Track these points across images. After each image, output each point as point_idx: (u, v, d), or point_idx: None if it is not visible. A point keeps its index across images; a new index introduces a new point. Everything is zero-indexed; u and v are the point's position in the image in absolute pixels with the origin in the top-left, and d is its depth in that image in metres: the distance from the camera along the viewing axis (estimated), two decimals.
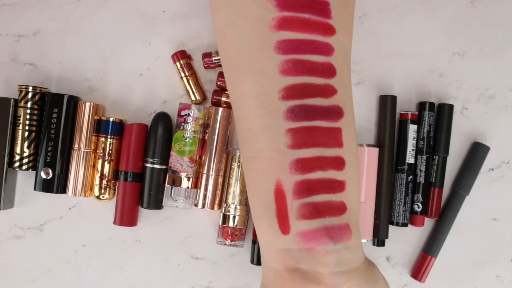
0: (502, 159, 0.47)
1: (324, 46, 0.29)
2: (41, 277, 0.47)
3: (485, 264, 0.47)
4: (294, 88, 0.29)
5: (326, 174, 0.29)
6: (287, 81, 0.29)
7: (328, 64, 0.29)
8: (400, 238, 0.47)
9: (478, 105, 0.47)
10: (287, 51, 0.29)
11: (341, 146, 0.30)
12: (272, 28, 0.29)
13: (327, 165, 0.29)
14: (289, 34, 0.29)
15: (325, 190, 0.29)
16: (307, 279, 0.29)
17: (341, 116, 0.30)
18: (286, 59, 0.29)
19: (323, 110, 0.29)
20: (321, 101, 0.29)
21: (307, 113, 0.29)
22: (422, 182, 0.46)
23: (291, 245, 0.29)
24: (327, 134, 0.29)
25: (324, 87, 0.29)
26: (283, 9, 0.29)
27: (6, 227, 0.47)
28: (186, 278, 0.47)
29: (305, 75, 0.29)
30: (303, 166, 0.29)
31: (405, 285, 0.47)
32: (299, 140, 0.29)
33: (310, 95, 0.29)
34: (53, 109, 0.44)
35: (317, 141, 0.29)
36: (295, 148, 0.29)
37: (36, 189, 0.45)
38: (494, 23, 0.47)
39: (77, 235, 0.47)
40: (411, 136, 0.46)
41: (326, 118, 0.29)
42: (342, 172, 0.29)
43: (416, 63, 0.47)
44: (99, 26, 0.47)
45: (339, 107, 0.30)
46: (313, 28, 0.29)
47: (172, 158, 0.45)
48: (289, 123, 0.29)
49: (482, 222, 0.47)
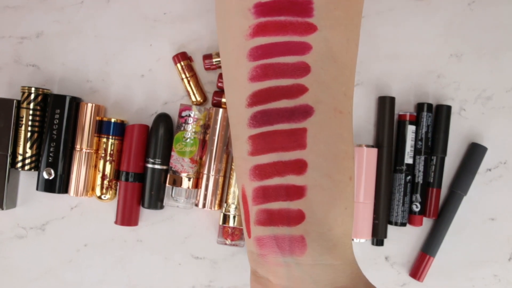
0: (500, 160, 0.48)
1: (299, 45, 0.29)
2: (43, 276, 0.47)
3: (482, 263, 0.47)
4: (259, 94, 0.29)
5: (284, 180, 0.28)
6: (254, 87, 0.29)
7: (301, 63, 0.29)
8: (398, 238, 0.47)
9: (475, 106, 0.48)
10: (258, 57, 0.29)
11: (303, 147, 0.28)
12: (248, 36, 0.29)
13: (285, 170, 0.28)
14: (263, 40, 0.29)
15: (281, 197, 0.27)
16: (260, 284, 0.29)
17: (309, 115, 0.28)
18: (256, 65, 0.29)
19: (287, 112, 0.28)
20: (286, 102, 0.28)
21: (268, 117, 0.28)
22: (420, 182, 0.47)
23: (252, 248, 0.29)
24: (287, 137, 0.28)
25: (292, 88, 0.28)
26: (259, 15, 0.29)
27: (8, 226, 0.47)
28: (187, 277, 0.47)
29: (273, 78, 0.29)
30: (260, 173, 0.28)
31: (403, 284, 0.47)
32: (257, 146, 0.29)
33: (274, 98, 0.28)
34: (55, 110, 0.45)
35: (276, 145, 0.28)
36: (254, 155, 0.29)
37: (38, 189, 0.45)
38: (492, 25, 0.48)
39: (78, 234, 0.47)
40: (410, 136, 0.47)
41: (289, 120, 0.28)
42: (303, 177, 0.27)
43: (414, 64, 0.48)
44: (101, 28, 0.48)
45: (308, 106, 0.28)
46: (288, 29, 0.29)
47: (173, 158, 0.45)
48: (251, 130, 0.29)
49: (480, 222, 0.48)
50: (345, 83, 0.30)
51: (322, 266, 0.27)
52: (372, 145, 0.47)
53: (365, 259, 0.47)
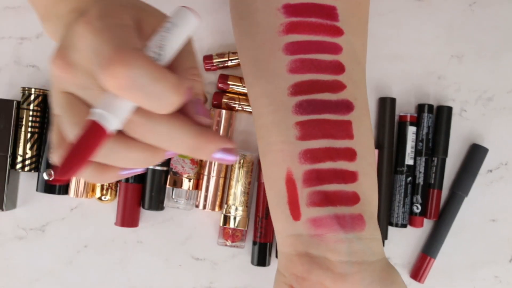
0: (501, 161, 0.48)
1: (332, 46, 0.31)
2: (43, 277, 0.47)
3: (483, 265, 0.47)
4: (302, 85, 0.31)
5: (336, 165, 0.30)
6: (295, 79, 0.31)
7: (336, 62, 0.31)
8: (399, 239, 0.47)
9: (476, 107, 0.48)
10: (295, 51, 0.31)
11: (351, 138, 0.31)
12: (281, 32, 0.32)
13: (337, 156, 0.30)
14: (297, 37, 0.32)
15: (336, 180, 0.30)
16: (316, 263, 0.29)
17: (351, 109, 0.31)
18: (294, 59, 0.31)
19: (332, 104, 0.31)
20: (329, 95, 0.31)
21: (315, 107, 0.31)
22: (421, 183, 0.47)
23: (301, 231, 0.30)
24: (336, 126, 0.30)
25: (332, 83, 0.31)
26: (290, 15, 0.32)
27: (8, 228, 0.47)
28: (187, 279, 0.47)
29: (313, 72, 0.31)
30: (311, 156, 0.30)
31: None
32: (307, 131, 0.31)
33: (317, 90, 0.31)
34: None
35: (326, 132, 0.30)
36: (303, 139, 0.31)
37: (38, 190, 0.45)
38: (492, 26, 0.48)
39: (79, 236, 0.47)
40: (410, 138, 0.46)
41: (335, 111, 0.31)
42: (354, 163, 0.30)
43: (415, 65, 0.48)
44: None
45: (349, 101, 0.31)
46: (320, 30, 0.31)
47: (173, 159, 0.45)
48: (297, 117, 0.31)
49: (480, 223, 0.48)
50: (365, 84, 0.34)
51: (376, 240, 0.30)
52: None
53: None
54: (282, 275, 0.32)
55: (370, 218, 0.30)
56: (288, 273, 0.31)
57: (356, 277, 0.29)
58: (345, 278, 0.28)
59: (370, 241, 0.30)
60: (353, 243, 0.29)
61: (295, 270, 0.30)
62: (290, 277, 0.31)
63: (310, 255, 0.30)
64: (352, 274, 0.29)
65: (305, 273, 0.30)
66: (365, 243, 0.29)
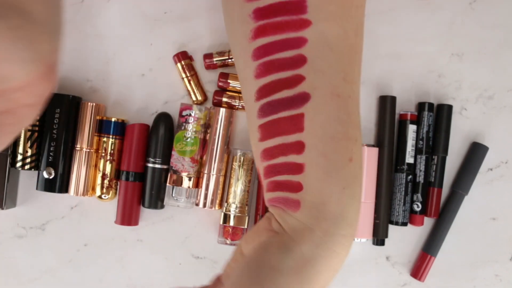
0: (501, 159, 0.48)
1: (295, 40, 0.32)
2: (43, 276, 0.47)
3: (484, 263, 0.47)
4: (264, 88, 0.33)
5: (287, 158, 0.33)
6: (259, 83, 0.33)
7: (297, 55, 0.32)
8: (399, 238, 0.47)
9: (476, 105, 0.48)
10: (260, 56, 0.33)
11: (301, 130, 0.32)
12: (250, 39, 0.34)
13: (288, 150, 0.33)
14: (263, 40, 0.33)
15: (285, 172, 0.33)
16: (269, 219, 0.34)
17: (306, 101, 0.32)
18: (259, 64, 0.33)
19: (288, 101, 0.32)
20: (286, 92, 0.33)
21: (273, 108, 0.33)
22: (421, 182, 0.47)
23: (267, 205, 0.35)
24: (289, 122, 0.32)
25: (291, 78, 0.32)
26: (259, 19, 0.33)
27: (8, 226, 0.47)
28: (187, 277, 0.47)
29: (274, 73, 0.33)
30: (267, 154, 0.34)
31: (404, 284, 0.47)
32: (265, 133, 0.34)
33: (276, 90, 0.33)
34: (55, 109, 0.45)
35: (280, 130, 0.33)
36: (262, 140, 0.34)
37: (38, 188, 0.45)
38: (493, 25, 0.48)
39: (78, 234, 0.47)
40: (411, 136, 0.46)
41: (290, 107, 0.32)
42: (301, 155, 0.32)
43: (415, 64, 0.48)
44: (101, 27, 0.48)
45: (305, 93, 0.32)
46: (285, 27, 0.33)
47: (173, 158, 0.45)
48: (259, 120, 0.34)
49: (481, 221, 0.47)
50: (343, 69, 0.33)
51: (308, 228, 0.32)
52: (373, 144, 0.47)
53: (366, 259, 0.47)
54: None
55: (307, 207, 0.32)
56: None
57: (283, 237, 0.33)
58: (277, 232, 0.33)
59: (298, 222, 0.32)
60: (287, 217, 0.33)
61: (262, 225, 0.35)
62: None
63: (269, 216, 0.35)
64: (282, 234, 0.33)
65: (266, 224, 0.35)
66: (293, 220, 0.32)
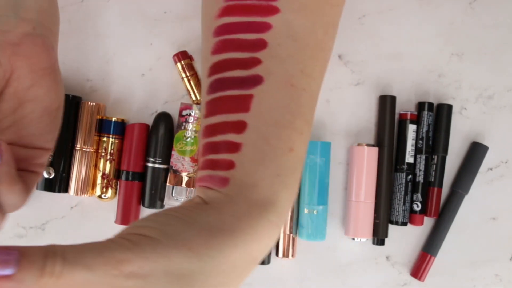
0: (501, 159, 0.48)
1: (259, 25, 0.32)
2: None
3: (484, 263, 0.47)
4: (218, 65, 0.33)
5: (225, 137, 0.32)
6: (214, 59, 0.33)
7: (259, 39, 0.32)
8: (399, 237, 0.47)
9: (476, 105, 0.48)
10: (221, 33, 0.33)
11: (246, 111, 0.32)
12: (216, 17, 0.34)
13: (228, 129, 0.32)
14: (228, 19, 0.33)
15: (223, 150, 0.32)
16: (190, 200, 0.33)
17: (258, 83, 0.32)
18: (217, 40, 0.33)
19: (239, 80, 0.32)
20: (239, 72, 0.32)
21: (222, 85, 0.32)
22: (421, 181, 0.47)
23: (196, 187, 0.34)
24: (235, 101, 0.32)
25: (247, 60, 0.32)
26: (229, 0, 0.33)
27: (8, 226, 0.47)
28: None
29: (231, 51, 0.33)
30: (207, 131, 0.33)
31: (404, 284, 0.47)
32: (210, 109, 0.33)
33: (229, 68, 0.32)
34: None
35: (224, 108, 0.32)
36: (206, 117, 0.33)
37: (38, 188, 0.45)
38: (493, 24, 0.48)
39: (79, 234, 0.47)
40: (410, 136, 0.46)
41: (240, 87, 0.32)
42: (241, 135, 0.31)
43: (415, 63, 0.48)
44: (101, 27, 0.48)
45: (259, 75, 0.32)
46: (252, 11, 0.33)
47: (173, 157, 0.45)
48: (207, 96, 0.33)
49: (481, 221, 0.47)
50: (303, 61, 0.33)
51: (233, 201, 0.30)
52: (373, 144, 0.47)
53: (366, 258, 0.47)
54: None
55: (235, 184, 0.31)
56: None
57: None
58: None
59: (222, 195, 0.31)
60: (210, 191, 0.31)
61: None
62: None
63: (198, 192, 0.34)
64: (200, 204, 0.31)
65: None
66: (217, 194, 0.31)
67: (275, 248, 0.47)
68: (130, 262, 0.24)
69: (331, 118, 0.48)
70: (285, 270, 0.47)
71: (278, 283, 0.47)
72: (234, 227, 0.29)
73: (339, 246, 0.47)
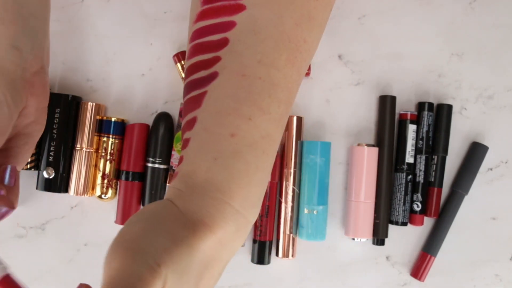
0: (501, 159, 0.48)
1: (225, 24, 0.34)
2: (43, 276, 0.47)
3: (484, 263, 0.47)
4: (189, 69, 0.35)
5: (184, 137, 0.34)
6: (187, 64, 0.35)
7: (222, 39, 0.33)
8: (399, 237, 0.47)
9: (476, 105, 0.48)
10: (194, 38, 0.35)
11: (199, 107, 0.33)
12: (193, 23, 0.35)
13: (186, 128, 0.34)
14: (201, 23, 0.34)
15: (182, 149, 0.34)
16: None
17: (212, 79, 0.33)
18: (191, 46, 0.35)
19: (199, 81, 0.34)
20: (202, 73, 0.34)
21: (189, 88, 0.34)
22: (421, 181, 0.47)
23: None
24: (193, 101, 0.34)
25: (210, 60, 0.34)
26: (204, 4, 0.34)
27: (8, 226, 0.47)
28: None
29: (199, 55, 0.34)
30: (182, 134, 0.35)
31: (405, 284, 0.47)
32: (183, 112, 0.35)
33: (196, 71, 0.34)
34: (55, 109, 0.45)
35: (187, 109, 0.34)
36: (181, 120, 0.35)
37: (38, 188, 0.45)
38: (493, 24, 0.48)
39: (79, 234, 0.47)
40: (410, 136, 0.46)
41: (200, 87, 0.34)
42: (191, 131, 0.33)
43: (415, 63, 0.48)
44: (101, 27, 0.48)
45: (215, 72, 0.33)
46: (221, 12, 0.34)
47: (173, 157, 0.45)
48: (183, 100, 0.35)
49: (481, 221, 0.47)
50: (262, 52, 0.33)
51: (177, 190, 0.32)
52: (373, 144, 0.47)
53: (366, 258, 0.47)
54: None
55: (181, 175, 0.32)
56: None
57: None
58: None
59: (169, 188, 0.33)
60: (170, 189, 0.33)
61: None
62: None
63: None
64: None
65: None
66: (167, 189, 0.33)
67: (275, 248, 0.47)
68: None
69: (331, 118, 0.48)
70: (285, 270, 0.47)
71: (278, 283, 0.47)
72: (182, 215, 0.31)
73: (339, 246, 0.47)
